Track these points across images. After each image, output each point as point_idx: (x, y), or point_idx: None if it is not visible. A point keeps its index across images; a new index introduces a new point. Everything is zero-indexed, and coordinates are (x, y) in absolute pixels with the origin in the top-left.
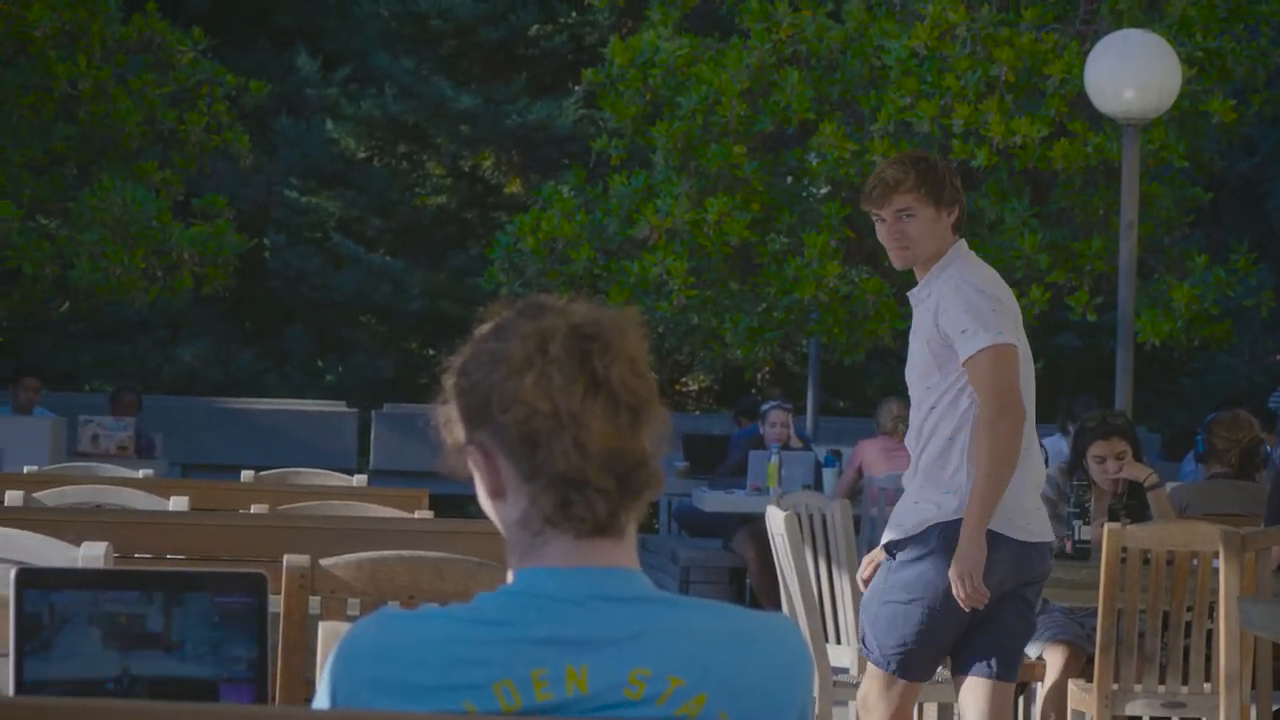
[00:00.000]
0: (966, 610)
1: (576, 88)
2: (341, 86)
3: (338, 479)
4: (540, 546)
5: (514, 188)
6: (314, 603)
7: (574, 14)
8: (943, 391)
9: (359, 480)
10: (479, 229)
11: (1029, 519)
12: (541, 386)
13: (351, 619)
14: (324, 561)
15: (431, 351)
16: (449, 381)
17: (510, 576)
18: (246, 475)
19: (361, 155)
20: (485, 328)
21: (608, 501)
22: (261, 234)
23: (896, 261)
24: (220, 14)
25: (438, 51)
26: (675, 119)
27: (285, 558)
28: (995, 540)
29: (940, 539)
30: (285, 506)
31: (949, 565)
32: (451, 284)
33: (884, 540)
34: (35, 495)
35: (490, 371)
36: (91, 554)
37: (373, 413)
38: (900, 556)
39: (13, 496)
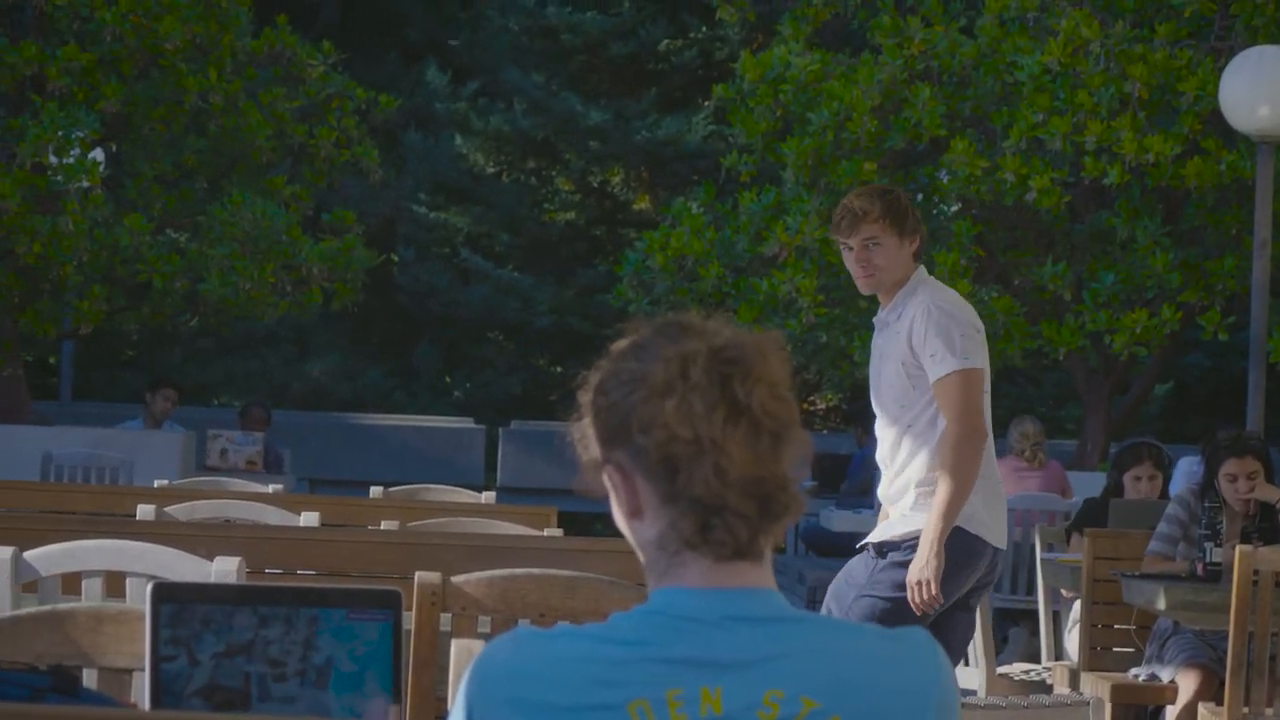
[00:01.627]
0: (918, 614)
1: (706, 103)
2: (471, 101)
3: (466, 496)
4: (678, 567)
5: (643, 204)
6: (444, 619)
7: (704, 29)
8: (920, 411)
9: (487, 497)
10: (607, 245)
11: (989, 530)
12: (683, 412)
13: (482, 636)
14: (455, 578)
15: (559, 368)
16: (585, 398)
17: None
18: (375, 491)
19: (490, 170)
20: (623, 345)
21: (748, 526)
22: (390, 249)
23: (863, 287)
24: (350, 27)
25: (567, 66)
26: (805, 135)
27: (417, 574)
28: (975, 543)
29: (962, 550)
30: (415, 523)
31: (953, 570)
32: (580, 301)
33: (873, 540)
34: (166, 509)
35: (629, 392)
36: (224, 569)
37: (500, 429)
38: (892, 556)
39: (144, 510)
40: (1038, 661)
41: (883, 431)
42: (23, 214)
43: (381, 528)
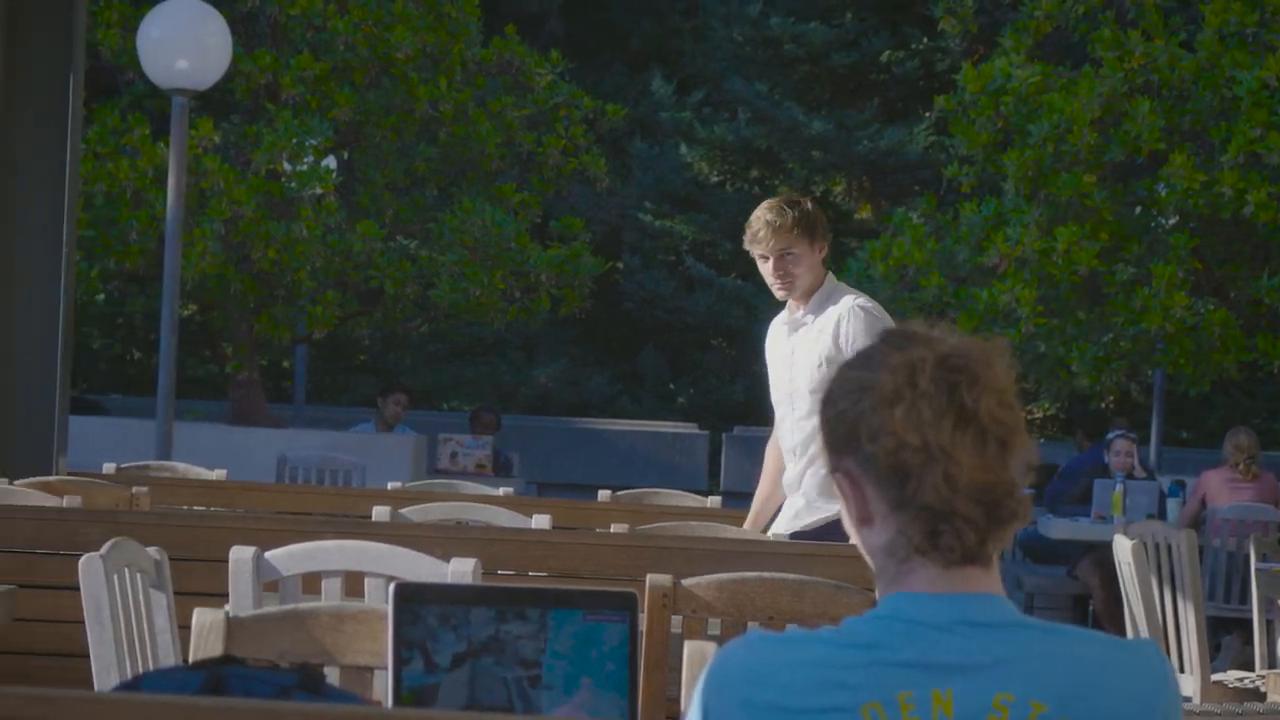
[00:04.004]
0: None
1: (927, 114)
2: (695, 110)
3: (693, 500)
4: (907, 574)
5: (864, 213)
6: (674, 621)
7: (925, 40)
8: None
9: (713, 501)
10: (829, 254)
11: None
12: (911, 420)
13: (712, 639)
14: (686, 581)
15: None
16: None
17: (877, 600)
18: (604, 495)
19: (714, 179)
20: (851, 354)
21: (976, 532)
22: (616, 256)
23: (779, 294)
24: (577, 37)
25: (790, 76)
26: (1026, 147)
27: (648, 577)
28: None
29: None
30: (644, 527)
31: None
32: None
33: (784, 531)
34: (401, 511)
35: (857, 400)
36: (461, 569)
37: (723, 435)
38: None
39: (380, 512)
40: (1251, 669)
41: (795, 424)
42: (258, 220)
43: (611, 531)
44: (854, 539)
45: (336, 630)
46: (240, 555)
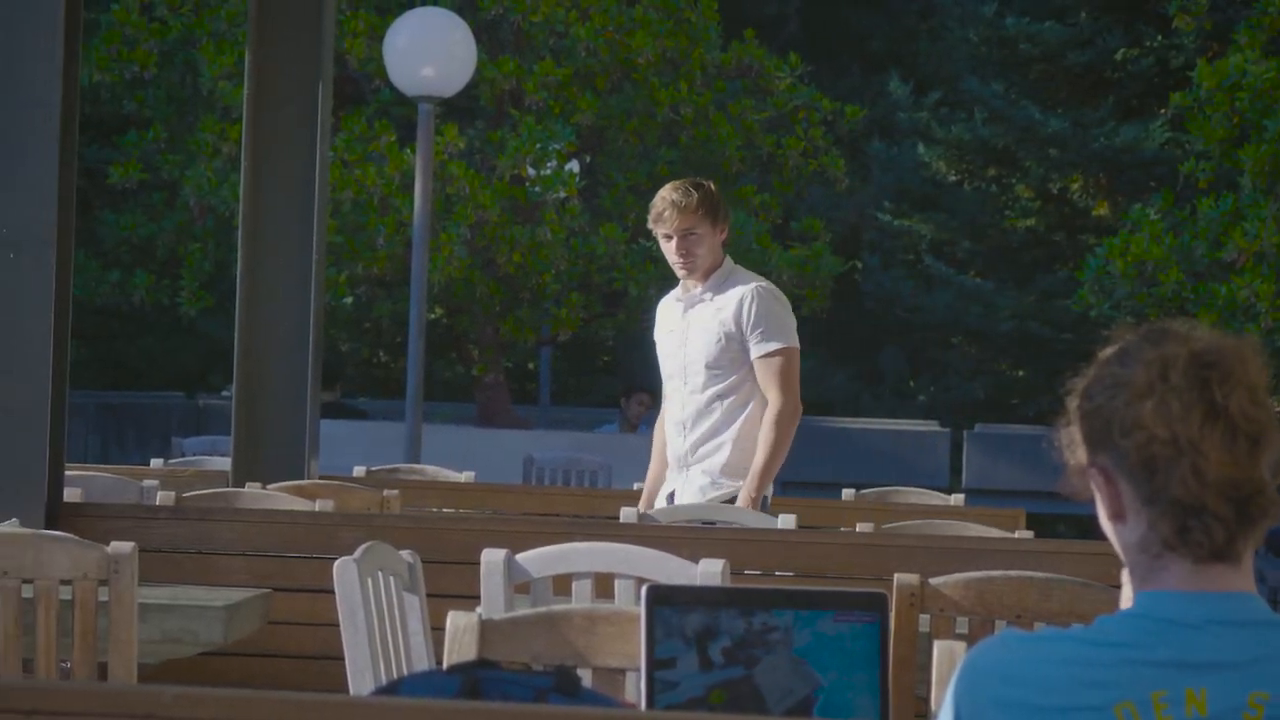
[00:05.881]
0: None
1: (1163, 111)
2: (932, 110)
3: (936, 498)
4: (1159, 570)
5: (1102, 210)
6: (922, 620)
7: (1160, 38)
8: (736, 383)
9: (956, 499)
10: (1067, 251)
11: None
12: (1161, 414)
13: (960, 637)
14: (933, 580)
15: (1021, 372)
16: (1072, 404)
17: (1127, 598)
18: (848, 494)
19: (952, 178)
20: (1109, 351)
21: (1225, 528)
22: (855, 256)
23: (681, 274)
24: (815, 40)
25: (1026, 76)
26: (1262, 142)
27: (896, 576)
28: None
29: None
30: (889, 525)
31: None
32: (1040, 306)
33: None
34: (648, 512)
35: (1112, 396)
36: (710, 570)
37: (964, 432)
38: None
39: (627, 513)
40: None
41: (687, 398)
42: (503, 225)
43: (856, 530)
44: (1108, 535)
45: (589, 632)
46: (492, 558)
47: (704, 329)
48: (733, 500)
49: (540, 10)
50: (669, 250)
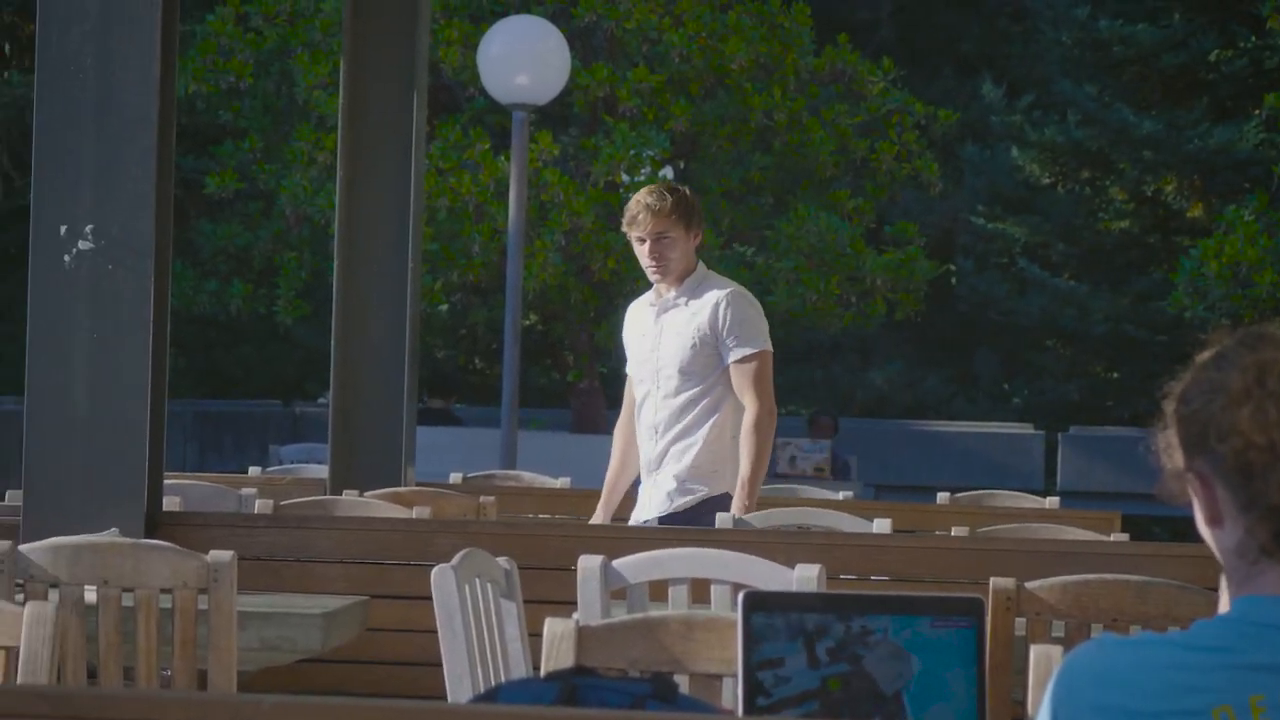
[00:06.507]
0: None
1: (1257, 111)
2: (1025, 114)
3: (1031, 501)
4: (1256, 575)
5: (1196, 212)
6: (1018, 624)
7: (1253, 38)
8: (708, 387)
9: (1051, 502)
10: (1161, 253)
11: None
12: (1257, 419)
13: (1056, 641)
14: (1029, 584)
15: (1116, 374)
16: (1169, 408)
17: (1225, 603)
18: (942, 497)
19: (1046, 181)
20: (1206, 355)
21: None
22: (949, 260)
23: (653, 278)
24: (907, 44)
25: (1120, 78)
26: None
27: (992, 580)
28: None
29: (714, 513)
30: (984, 529)
31: None
32: (1135, 308)
33: (661, 512)
34: (743, 517)
35: (1209, 400)
36: (806, 575)
37: (1059, 435)
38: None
39: (722, 518)
40: None
41: (659, 403)
42: (597, 231)
43: (951, 534)
44: (1206, 539)
45: (686, 638)
46: (588, 564)
47: (677, 334)
48: (704, 505)
49: (634, 17)
50: (642, 254)
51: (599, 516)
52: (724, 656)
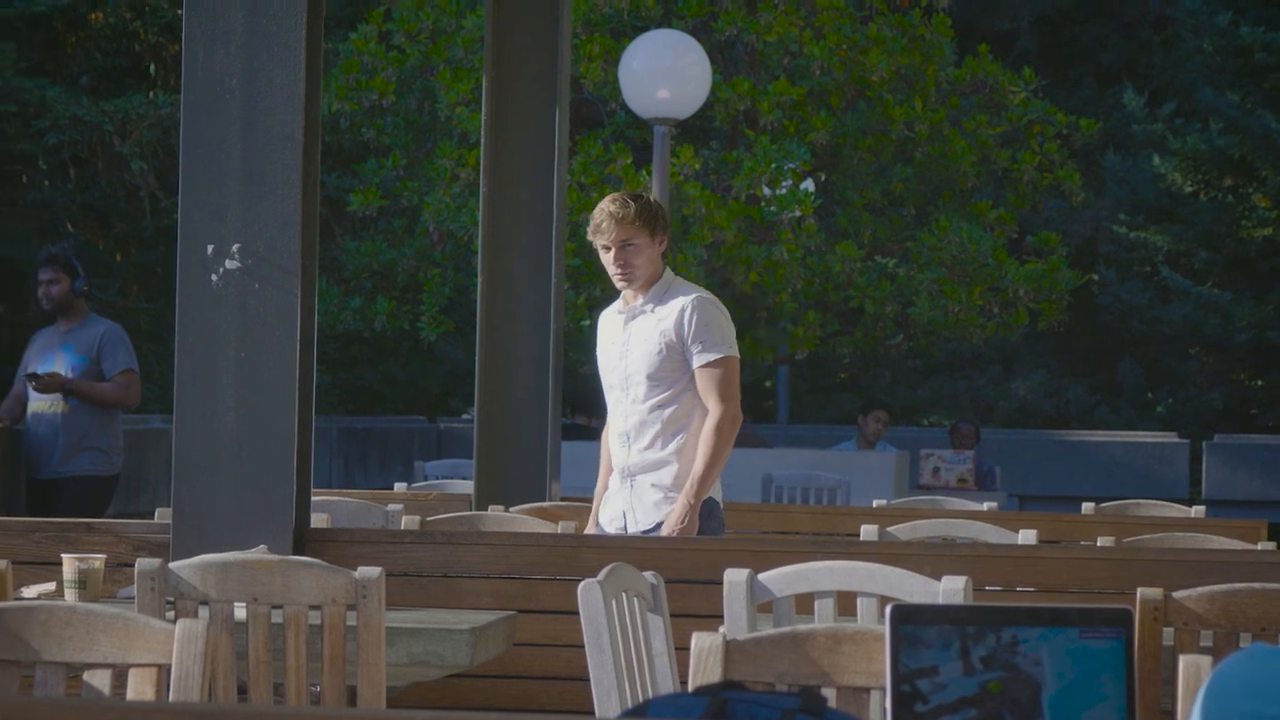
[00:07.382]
0: None
1: None
2: (1167, 122)
3: (1176, 510)
4: None
5: None
6: (1165, 634)
7: None
8: (677, 393)
9: (1197, 511)
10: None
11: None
12: None
13: (1204, 651)
14: (1177, 594)
15: (1260, 382)
16: None
17: None
18: (1087, 507)
19: (1188, 189)
20: None
21: None
22: (1091, 269)
23: (619, 285)
24: (1047, 54)
25: (1262, 85)
26: None
27: (1139, 590)
28: (717, 508)
29: (710, 517)
30: (1131, 539)
31: (713, 533)
32: (1278, 315)
33: (650, 523)
34: (888, 529)
35: None
36: (952, 587)
37: (1203, 443)
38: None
39: (868, 530)
40: None
41: (629, 409)
42: (739, 244)
43: (1097, 544)
44: None
45: (834, 651)
46: (735, 578)
47: (645, 340)
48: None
49: (774, 30)
50: (608, 261)
51: (591, 526)
52: (871, 669)
